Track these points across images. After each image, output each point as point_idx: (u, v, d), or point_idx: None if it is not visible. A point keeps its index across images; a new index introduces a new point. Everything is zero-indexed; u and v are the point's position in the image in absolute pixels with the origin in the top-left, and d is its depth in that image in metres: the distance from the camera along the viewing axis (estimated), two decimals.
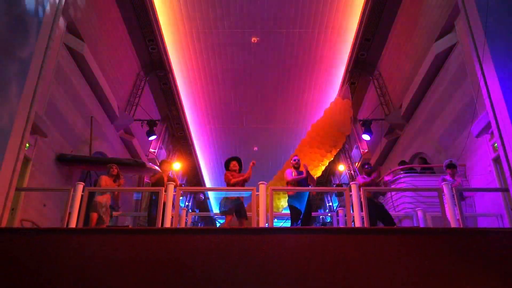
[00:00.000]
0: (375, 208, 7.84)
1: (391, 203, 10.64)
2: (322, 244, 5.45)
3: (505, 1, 7.05)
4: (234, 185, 7.58)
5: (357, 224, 6.51)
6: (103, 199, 7.92)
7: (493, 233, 5.73)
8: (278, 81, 17.96)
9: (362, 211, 6.69)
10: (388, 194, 10.83)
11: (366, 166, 8.66)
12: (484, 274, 5.09)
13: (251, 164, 7.85)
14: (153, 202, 7.70)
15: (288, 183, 7.92)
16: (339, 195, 17.91)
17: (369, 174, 8.39)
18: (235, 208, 7.44)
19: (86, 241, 5.49)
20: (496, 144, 7.73)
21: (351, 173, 20.82)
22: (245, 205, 7.90)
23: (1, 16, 7.08)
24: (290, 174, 7.98)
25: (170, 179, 8.25)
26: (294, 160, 8.19)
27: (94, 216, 7.70)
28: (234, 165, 7.90)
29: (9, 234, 5.64)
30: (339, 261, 5.28)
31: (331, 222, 18.83)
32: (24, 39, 7.04)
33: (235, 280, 5.14)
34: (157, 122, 16.52)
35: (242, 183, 7.66)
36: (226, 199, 7.54)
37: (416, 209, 8.99)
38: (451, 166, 8.29)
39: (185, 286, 5.12)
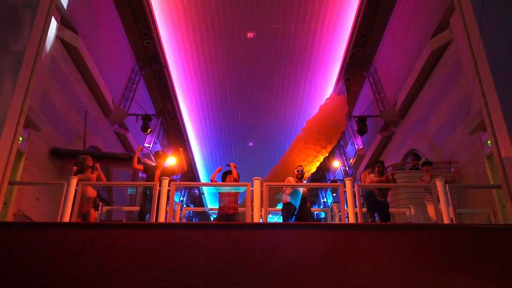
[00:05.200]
0: (376, 203, 7.87)
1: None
2: (316, 239, 5.47)
3: None
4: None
5: (351, 220, 6.54)
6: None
7: (486, 230, 5.77)
8: (273, 76, 17.95)
9: (356, 207, 6.72)
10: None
11: (378, 165, 8.38)
12: (476, 271, 5.13)
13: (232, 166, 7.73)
14: (147, 197, 7.59)
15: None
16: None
17: (381, 173, 8.26)
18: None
19: (79, 235, 5.47)
20: (489, 141, 7.77)
21: (346, 169, 20.89)
22: (240, 201, 7.85)
23: None
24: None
25: (165, 171, 7.90)
26: (298, 170, 8.13)
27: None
28: (230, 179, 7.71)
29: (1, 228, 5.61)
30: (333, 257, 5.30)
31: (325, 218, 18.92)
32: (17, 32, 6.98)
33: (229, 275, 5.16)
34: (152, 116, 16.47)
35: (235, 196, 7.57)
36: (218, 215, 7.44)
37: (409, 205, 9.03)
38: (426, 164, 8.29)
39: (178, 281, 5.13)
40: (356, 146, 18.56)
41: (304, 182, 8.18)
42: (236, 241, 5.42)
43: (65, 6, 10.69)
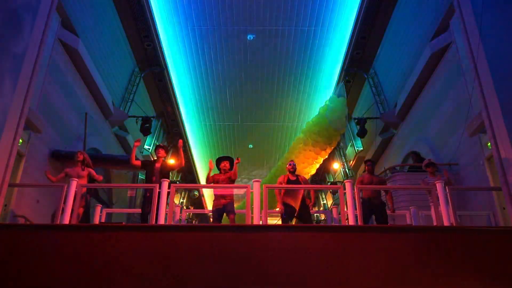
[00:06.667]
0: (370, 208, 7.83)
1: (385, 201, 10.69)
2: (316, 241, 5.46)
3: (499, 1, 7.08)
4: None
5: (351, 222, 6.53)
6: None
7: (486, 232, 5.77)
8: (273, 78, 17.96)
9: (356, 209, 6.71)
10: (382, 192, 10.87)
11: (368, 164, 8.37)
12: (476, 273, 5.13)
13: (236, 162, 7.72)
14: (147, 199, 7.54)
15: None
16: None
17: (372, 172, 8.26)
18: (220, 212, 7.35)
19: (79, 238, 5.46)
20: (489, 143, 7.77)
21: (346, 171, 20.88)
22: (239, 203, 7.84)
23: None
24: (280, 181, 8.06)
25: (165, 165, 7.83)
26: (290, 164, 8.16)
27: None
28: (224, 165, 7.66)
29: (1, 230, 5.61)
30: (333, 259, 5.30)
31: (325, 220, 18.92)
32: (18, 34, 6.99)
33: (229, 277, 5.15)
34: (152, 118, 16.48)
35: (227, 181, 7.57)
36: (212, 207, 7.45)
37: (409, 207, 9.02)
38: (430, 165, 8.26)
39: (179, 283, 5.12)
40: (356, 148, 18.56)
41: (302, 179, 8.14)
42: (235, 243, 5.41)
43: (65, 8, 10.70)
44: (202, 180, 26.77)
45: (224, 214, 7.39)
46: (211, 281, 5.12)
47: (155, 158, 7.95)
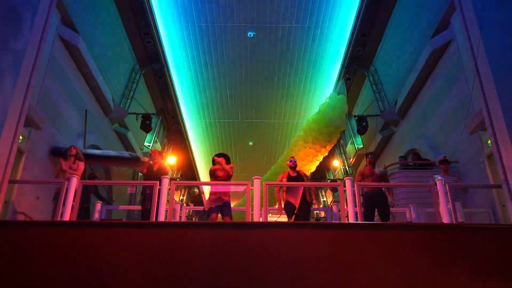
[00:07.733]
0: (373, 202, 7.70)
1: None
2: (316, 238, 5.47)
3: None
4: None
5: (351, 219, 6.54)
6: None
7: (486, 229, 5.78)
8: (273, 75, 17.95)
9: (356, 206, 6.71)
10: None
11: (370, 156, 8.12)
12: (476, 270, 5.14)
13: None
14: (147, 196, 7.62)
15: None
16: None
17: (373, 164, 8.02)
18: (218, 208, 7.29)
19: (79, 234, 5.47)
20: (489, 141, 7.76)
21: (346, 169, 20.89)
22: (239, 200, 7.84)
23: None
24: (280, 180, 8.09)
25: (161, 169, 8.09)
26: (291, 161, 8.17)
27: None
28: (220, 161, 7.64)
29: (1, 227, 5.61)
30: (333, 256, 5.31)
31: (325, 217, 18.93)
32: (18, 31, 6.97)
33: (229, 274, 5.16)
34: (152, 115, 16.48)
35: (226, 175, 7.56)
36: (209, 199, 7.40)
37: (410, 204, 9.02)
38: (444, 162, 8.20)
39: (179, 280, 5.13)
40: (356, 146, 18.56)
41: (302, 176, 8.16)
42: (236, 240, 5.42)
43: (65, 5, 10.68)
44: (202, 177, 26.76)
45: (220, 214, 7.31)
46: (212, 278, 5.13)
47: (152, 162, 8.32)
